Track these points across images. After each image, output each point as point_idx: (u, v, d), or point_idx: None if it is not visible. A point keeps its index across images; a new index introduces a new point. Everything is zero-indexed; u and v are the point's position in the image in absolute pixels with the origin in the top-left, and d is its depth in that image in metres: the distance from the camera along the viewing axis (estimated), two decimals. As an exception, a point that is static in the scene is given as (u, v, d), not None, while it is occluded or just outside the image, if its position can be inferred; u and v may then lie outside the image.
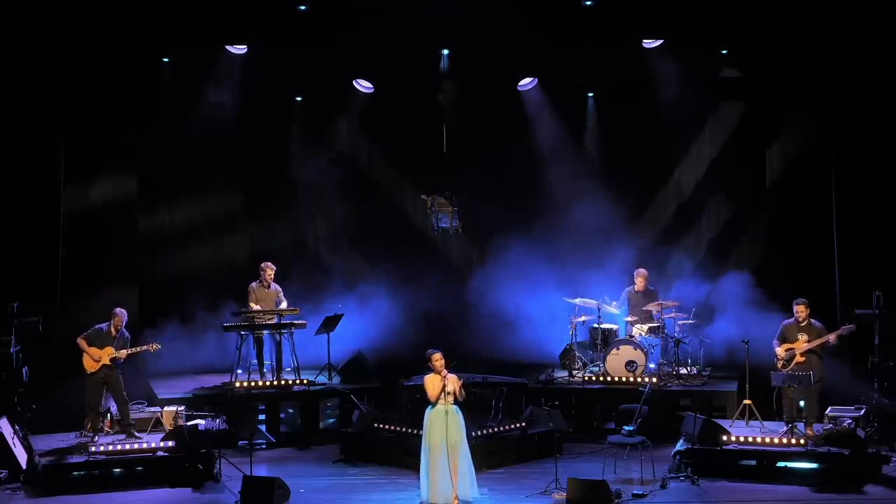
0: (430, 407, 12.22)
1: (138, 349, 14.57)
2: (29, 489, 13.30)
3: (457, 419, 12.18)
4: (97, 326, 14.45)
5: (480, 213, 19.00)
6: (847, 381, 14.83)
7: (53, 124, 16.14)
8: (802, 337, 13.97)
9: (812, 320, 14.07)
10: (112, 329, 14.39)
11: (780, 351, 14.04)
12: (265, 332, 16.55)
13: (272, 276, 16.84)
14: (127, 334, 14.54)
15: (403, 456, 14.07)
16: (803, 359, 13.92)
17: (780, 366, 13.98)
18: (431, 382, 12.19)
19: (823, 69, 15.96)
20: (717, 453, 13.48)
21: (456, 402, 12.18)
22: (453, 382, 12.18)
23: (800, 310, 14.04)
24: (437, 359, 12.18)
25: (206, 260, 18.93)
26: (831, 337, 13.91)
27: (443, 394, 12.12)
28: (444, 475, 12.06)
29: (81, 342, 14.33)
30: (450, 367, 12.28)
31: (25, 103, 15.84)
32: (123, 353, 14.37)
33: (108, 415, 14.75)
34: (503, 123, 19.00)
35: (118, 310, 14.54)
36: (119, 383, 14.41)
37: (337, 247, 19.67)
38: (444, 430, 12.06)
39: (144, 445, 13.86)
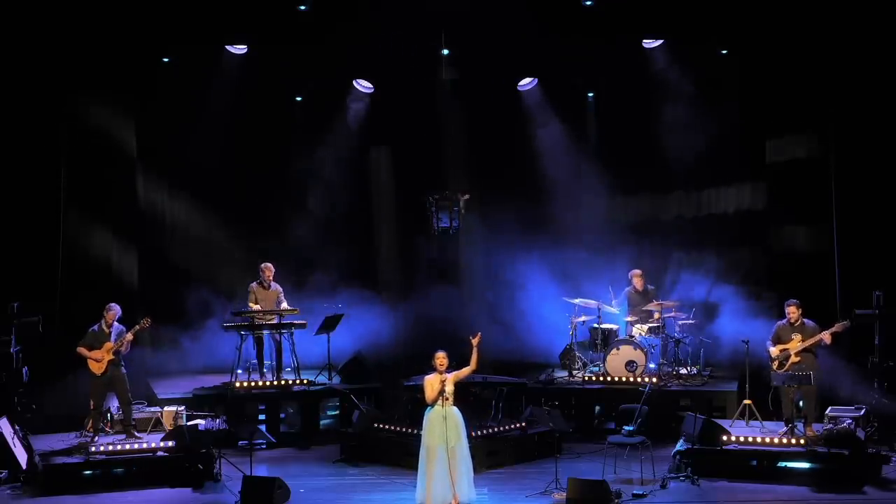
0: (429, 408, 11.93)
1: (131, 333, 14.32)
2: (29, 489, 13.28)
3: (455, 421, 11.88)
4: (90, 329, 14.41)
5: (480, 213, 18.99)
6: (847, 381, 14.83)
7: (54, 127, 16.17)
8: (796, 337, 13.94)
9: (805, 320, 14.05)
10: (104, 326, 14.35)
11: (773, 351, 14.03)
12: (265, 331, 16.55)
13: (272, 276, 16.84)
14: (122, 328, 14.47)
15: (403, 456, 14.03)
16: (798, 359, 13.89)
17: (775, 366, 13.97)
18: (430, 383, 11.90)
19: (824, 68, 15.97)
20: (717, 453, 13.47)
21: (455, 402, 11.93)
22: (453, 383, 11.89)
23: (791, 311, 14.04)
24: (439, 358, 11.89)
25: (206, 259, 18.91)
26: (825, 335, 13.86)
27: (441, 396, 11.82)
28: (439, 478, 11.78)
29: (82, 350, 14.30)
30: (450, 368, 12.03)
31: (25, 110, 15.88)
32: (121, 342, 14.28)
33: (109, 415, 14.75)
34: (503, 123, 19.00)
35: (111, 304, 14.48)
36: (124, 383, 14.37)
37: (337, 246, 19.65)
38: (443, 432, 11.75)
39: (144, 445, 13.85)
